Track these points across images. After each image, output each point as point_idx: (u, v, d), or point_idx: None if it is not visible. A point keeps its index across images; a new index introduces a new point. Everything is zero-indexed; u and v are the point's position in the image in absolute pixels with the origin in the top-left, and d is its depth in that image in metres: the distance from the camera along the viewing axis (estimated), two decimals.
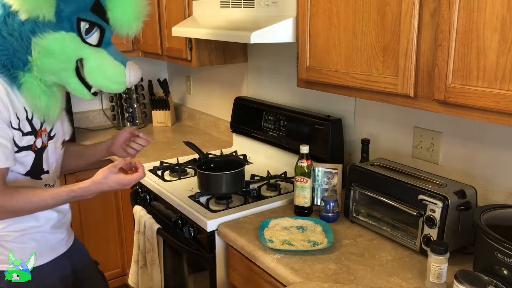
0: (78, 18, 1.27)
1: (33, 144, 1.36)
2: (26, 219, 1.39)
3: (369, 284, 1.29)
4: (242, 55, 2.53)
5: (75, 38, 1.29)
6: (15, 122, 1.30)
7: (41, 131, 1.39)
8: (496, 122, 1.13)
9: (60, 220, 1.51)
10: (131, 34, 1.38)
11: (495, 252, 1.16)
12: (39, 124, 1.39)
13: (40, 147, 1.39)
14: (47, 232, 1.46)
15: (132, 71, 1.37)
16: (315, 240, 1.53)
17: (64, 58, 1.29)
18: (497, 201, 1.49)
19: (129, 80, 1.36)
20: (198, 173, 1.89)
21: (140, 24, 1.38)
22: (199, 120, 3.12)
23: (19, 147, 1.32)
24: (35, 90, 1.32)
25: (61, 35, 1.26)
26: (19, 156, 1.33)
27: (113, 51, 1.37)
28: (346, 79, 1.49)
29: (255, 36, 1.63)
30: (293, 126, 2.14)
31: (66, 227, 1.56)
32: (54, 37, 1.26)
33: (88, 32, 1.31)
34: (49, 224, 1.46)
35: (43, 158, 1.41)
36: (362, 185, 1.59)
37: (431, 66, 1.24)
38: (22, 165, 1.35)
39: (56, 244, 1.50)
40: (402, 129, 1.78)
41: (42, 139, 1.40)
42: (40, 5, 1.21)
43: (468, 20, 1.13)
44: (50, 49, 1.27)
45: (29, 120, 1.35)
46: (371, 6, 1.37)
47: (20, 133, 1.32)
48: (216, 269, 1.73)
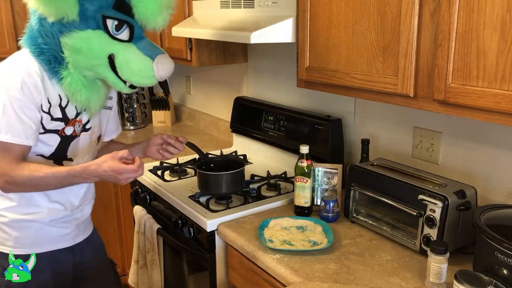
0: (103, 15, 1.30)
1: (61, 129, 1.41)
2: (28, 206, 1.43)
3: (369, 284, 1.29)
4: (242, 55, 2.53)
5: (102, 35, 1.32)
6: (46, 106, 1.36)
7: (75, 121, 1.44)
8: (496, 122, 1.13)
9: (67, 216, 1.52)
10: (158, 28, 1.39)
11: (495, 252, 1.16)
12: (74, 114, 1.44)
13: (69, 135, 1.44)
14: (46, 223, 1.47)
15: (161, 65, 1.37)
16: (315, 240, 1.53)
17: (93, 56, 1.33)
18: (497, 201, 1.49)
19: (157, 74, 1.37)
20: (198, 173, 1.89)
21: (166, 17, 1.38)
22: (199, 120, 3.12)
23: (45, 129, 1.38)
24: (75, 85, 1.37)
25: (87, 34, 1.30)
26: (44, 137, 1.39)
27: (145, 45, 1.38)
28: (346, 79, 1.49)
29: (255, 36, 1.63)
30: (293, 126, 2.14)
31: (76, 224, 1.57)
32: (80, 36, 1.30)
33: (118, 28, 1.33)
34: (50, 216, 1.47)
35: (70, 145, 1.45)
36: (362, 185, 1.59)
37: (431, 66, 1.24)
38: (47, 146, 1.41)
39: (57, 238, 1.51)
40: (402, 129, 1.78)
41: (74, 128, 1.45)
42: (63, 7, 1.25)
43: (468, 20, 1.13)
44: (78, 48, 1.32)
45: (61, 108, 1.40)
46: (371, 6, 1.37)
47: (49, 117, 1.38)
48: (216, 269, 1.73)
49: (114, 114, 1.70)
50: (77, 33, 1.30)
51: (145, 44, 1.39)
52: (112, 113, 1.68)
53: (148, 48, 1.38)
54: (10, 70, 1.34)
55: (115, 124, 1.73)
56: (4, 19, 2.77)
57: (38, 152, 1.40)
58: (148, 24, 1.37)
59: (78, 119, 1.46)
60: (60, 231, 1.52)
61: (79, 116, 1.46)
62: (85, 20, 1.29)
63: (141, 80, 1.38)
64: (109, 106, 1.63)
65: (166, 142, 1.65)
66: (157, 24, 1.37)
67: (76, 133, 1.46)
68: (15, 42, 2.81)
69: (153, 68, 1.36)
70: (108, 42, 1.33)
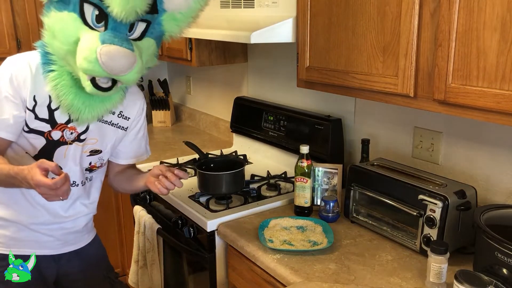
0: (82, 0, 1.20)
1: (46, 132, 1.34)
2: (8, 205, 1.40)
3: (369, 284, 1.29)
4: (242, 55, 2.53)
5: (75, 19, 1.22)
6: (30, 104, 1.30)
7: (64, 126, 1.36)
8: (496, 122, 1.13)
9: (51, 223, 1.45)
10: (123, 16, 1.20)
11: (495, 252, 1.16)
12: (65, 120, 1.35)
13: (56, 140, 1.36)
14: (26, 226, 1.42)
15: (106, 48, 1.18)
16: (315, 240, 1.53)
17: (64, 38, 1.24)
18: (497, 201, 1.49)
19: (100, 59, 1.17)
20: (198, 173, 1.89)
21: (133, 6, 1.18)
22: (199, 120, 3.12)
23: (29, 128, 1.33)
24: (63, 87, 1.29)
25: (63, 15, 1.22)
26: (29, 136, 1.34)
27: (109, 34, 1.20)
28: (346, 79, 1.49)
29: (255, 36, 1.63)
30: (293, 126, 2.14)
31: (64, 233, 1.49)
32: (56, 16, 1.23)
33: (99, 21, 1.21)
34: (29, 220, 1.42)
35: (57, 151, 1.38)
36: (362, 185, 1.59)
37: (431, 66, 1.24)
38: (32, 147, 1.35)
39: (38, 243, 1.44)
40: (402, 129, 1.78)
41: (63, 134, 1.36)
42: None
43: (468, 20, 1.13)
44: (52, 28, 1.25)
45: (50, 109, 1.33)
46: (371, 6, 1.37)
47: (32, 116, 1.31)
48: (216, 269, 1.73)
49: (134, 139, 1.56)
50: (56, 13, 1.23)
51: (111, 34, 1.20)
52: (131, 136, 1.55)
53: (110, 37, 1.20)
54: (9, 60, 1.31)
55: (135, 149, 1.59)
56: (4, 19, 2.76)
57: (25, 149, 1.36)
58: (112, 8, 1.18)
59: (70, 126, 1.36)
60: (42, 237, 1.45)
61: (71, 123, 1.36)
62: (66, 2, 1.21)
63: (84, 63, 1.19)
64: (121, 125, 1.49)
65: (164, 175, 1.45)
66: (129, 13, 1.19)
67: (66, 140, 1.37)
68: (15, 42, 2.81)
69: (97, 51, 1.17)
70: (79, 27, 1.22)
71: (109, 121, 1.46)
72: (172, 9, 1.31)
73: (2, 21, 2.76)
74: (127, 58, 1.20)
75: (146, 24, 1.28)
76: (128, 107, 1.50)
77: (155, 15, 1.29)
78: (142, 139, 1.60)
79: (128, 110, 1.50)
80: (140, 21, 1.27)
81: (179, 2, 1.30)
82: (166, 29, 1.35)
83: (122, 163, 1.60)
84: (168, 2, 1.28)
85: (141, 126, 1.58)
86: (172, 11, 1.31)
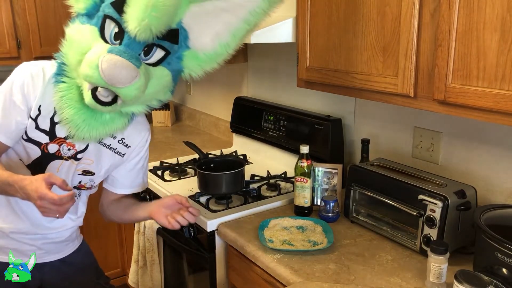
0: (105, 15, 1.22)
1: (44, 144, 1.32)
2: None
3: (369, 284, 1.29)
4: (242, 55, 2.53)
5: (94, 31, 1.24)
6: (34, 113, 1.30)
7: (63, 141, 1.33)
8: (496, 122, 1.13)
9: (32, 234, 1.42)
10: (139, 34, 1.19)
11: (495, 252, 1.16)
12: (65, 134, 1.33)
13: (51, 153, 1.34)
14: (6, 234, 1.39)
15: (109, 56, 1.17)
16: (315, 240, 1.53)
17: (79, 48, 1.24)
18: (497, 201, 1.49)
19: (100, 65, 1.16)
20: (198, 173, 1.89)
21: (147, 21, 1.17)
22: (199, 120, 3.12)
23: (28, 136, 1.32)
24: (66, 100, 1.28)
25: (84, 27, 1.25)
26: (26, 145, 1.32)
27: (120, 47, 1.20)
28: (346, 79, 1.49)
29: (255, 36, 1.63)
30: (293, 126, 2.14)
31: (47, 243, 1.46)
32: (79, 28, 1.26)
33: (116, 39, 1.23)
34: (10, 227, 1.39)
35: (50, 165, 1.35)
36: (362, 185, 1.59)
37: (431, 66, 1.24)
38: (27, 155, 1.34)
39: (18, 252, 1.40)
40: (402, 129, 1.78)
41: (60, 148, 1.34)
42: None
43: (468, 20, 1.13)
44: (70, 38, 1.27)
45: (52, 121, 1.31)
46: (371, 6, 1.37)
47: (33, 125, 1.31)
48: (216, 269, 1.73)
49: (133, 169, 1.52)
50: (78, 25, 1.26)
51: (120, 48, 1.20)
52: (129, 166, 1.50)
53: (119, 49, 1.19)
54: (26, 66, 1.31)
55: (132, 179, 1.54)
56: (4, 19, 2.76)
57: (20, 156, 1.34)
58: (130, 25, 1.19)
59: (69, 142, 1.34)
60: (23, 245, 1.41)
61: (69, 139, 1.33)
62: (92, 17, 1.25)
63: (85, 69, 1.19)
64: (119, 151, 1.45)
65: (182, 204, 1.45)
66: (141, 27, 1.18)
67: (62, 155, 1.34)
68: (15, 42, 2.81)
69: (100, 58, 1.17)
70: (95, 40, 1.23)
71: (109, 144, 1.42)
72: (196, 47, 1.31)
73: (2, 21, 2.76)
74: (128, 71, 1.18)
75: (165, 53, 1.28)
76: (131, 135, 1.46)
77: (175, 46, 1.28)
78: (140, 170, 1.55)
79: (130, 138, 1.46)
80: (159, 48, 1.26)
81: (205, 42, 1.31)
82: (186, 65, 1.35)
83: (118, 192, 1.55)
84: (194, 40, 1.30)
85: (142, 157, 1.53)
86: (196, 49, 1.32)
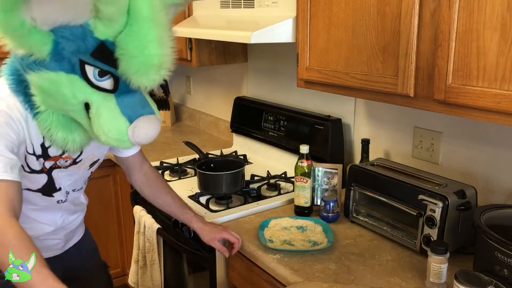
0: (81, 60, 1.06)
1: (43, 166, 1.27)
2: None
3: (369, 284, 1.29)
4: (242, 55, 2.53)
5: (76, 81, 1.07)
6: (30, 148, 1.21)
7: (59, 158, 1.28)
8: (496, 122, 1.13)
9: (56, 230, 1.45)
10: (143, 89, 1.13)
11: (495, 252, 1.16)
12: (59, 152, 1.27)
13: (49, 167, 1.29)
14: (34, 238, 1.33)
15: (138, 130, 1.11)
16: (315, 240, 1.53)
17: (63, 101, 1.10)
18: (497, 201, 1.49)
19: (133, 140, 1.11)
20: (198, 173, 1.89)
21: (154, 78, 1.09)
22: (199, 120, 3.12)
23: (31, 169, 1.26)
24: (51, 122, 1.17)
25: (58, 76, 1.07)
26: (32, 176, 1.27)
27: (129, 102, 1.12)
28: (346, 79, 1.49)
29: (255, 36, 1.63)
30: (293, 126, 2.14)
31: (65, 234, 1.50)
32: (49, 77, 1.07)
33: (101, 75, 1.08)
34: (38, 233, 1.39)
35: (56, 176, 1.33)
36: (362, 185, 1.59)
37: (431, 66, 1.24)
38: (33, 183, 1.29)
39: (45, 248, 1.40)
40: (402, 129, 1.78)
41: (56, 162, 1.29)
42: (28, 44, 1.02)
43: (468, 20, 1.13)
44: (45, 89, 1.10)
45: (43, 147, 1.24)
46: (371, 6, 1.37)
47: (34, 158, 1.24)
48: (216, 269, 1.73)
49: None
50: (47, 73, 1.06)
51: (130, 101, 1.12)
52: None
53: (131, 106, 1.11)
54: None
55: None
56: None
57: (24, 186, 1.23)
58: (132, 82, 1.08)
59: (65, 156, 1.28)
60: (49, 242, 1.44)
61: (65, 153, 1.28)
62: (59, 61, 1.05)
63: (110, 141, 1.12)
64: None
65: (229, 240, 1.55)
66: (142, 84, 1.09)
67: (58, 165, 1.30)
68: None
69: (128, 133, 1.10)
70: (83, 90, 1.08)
71: None
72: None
73: None
74: (157, 129, 1.15)
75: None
76: None
77: None
78: None
79: None
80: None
81: None
82: None
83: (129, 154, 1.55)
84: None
85: None
86: None
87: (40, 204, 1.36)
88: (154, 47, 1.06)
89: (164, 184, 1.64)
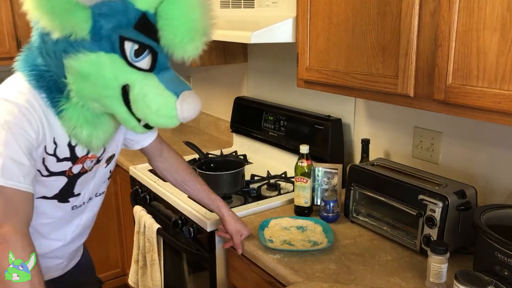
0: (121, 36, 1.03)
1: (68, 169, 1.21)
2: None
3: (369, 284, 1.29)
4: (242, 55, 2.53)
5: (117, 60, 1.05)
6: (51, 148, 1.15)
7: (86, 158, 1.24)
8: (496, 122, 1.13)
9: (61, 248, 1.37)
10: (187, 58, 1.10)
11: (495, 252, 1.16)
12: (85, 151, 1.22)
13: (77, 173, 1.24)
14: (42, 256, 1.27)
15: (186, 104, 1.10)
16: (315, 240, 1.53)
17: (102, 84, 1.07)
18: (497, 201, 1.49)
19: (181, 115, 1.10)
20: (198, 173, 1.89)
21: (198, 46, 1.08)
22: (199, 120, 3.12)
23: (50, 171, 1.19)
24: (76, 120, 1.13)
25: (98, 57, 1.04)
26: (49, 180, 1.20)
27: (169, 78, 1.12)
28: (346, 79, 1.49)
29: (255, 36, 1.63)
30: (293, 126, 2.14)
31: (68, 255, 1.43)
32: (89, 59, 1.04)
33: (138, 54, 1.06)
34: (46, 250, 1.34)
35: (78, 182, 1.27)
36: (362, 185, 1.59)
37: (431, 66, 1.24)
38: (49, 189, 1.22)
39: (49, 268, 1.37)
40: (402, 129, 1.78)
41: (84, 165, 1.25)
42: (71, 21, 0.99)
43: (468, 20, 1.13)
44: (84, 73, 1.05)
45: (70, 146, 1.19)
46: (371, 6, 1.37)
47: (54, 159, 1.17)
48: (216, 269, 1.73)
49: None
50: (86, 55, 1.03)
51: (169, 77, 1.12)
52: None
53: (172, 82, 1.12)
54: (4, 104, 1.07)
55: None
56: (4, 19, 2.77)
57: (39, 194, 1.19)
58: (176, 52, 1.08)
59: (91, 155, 1.24)
60: (51, 261, 1.38)
61: (90, 152, 1.24)
62: (98, 40, 1.02)
63: (159, 120, 1.10)
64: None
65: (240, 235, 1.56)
66: (187, 53, 1.08)
67: (85, 169, 1.26)
68: (15, 42, 2.81)
69: (177, 107, 1.09)
70: (124, 70, 1.06)
71: None
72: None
73: (2, 21, 2.77)
74: (200, 104, 1.15)
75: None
76: None
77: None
78: None
79: None
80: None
81: None
82: None
83: (139, 147, 1.54)
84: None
85: None
86: None
87: (54, 215, 1.28)
88: (199, 11, 1.06)
89: (189, 170, 1.62)
